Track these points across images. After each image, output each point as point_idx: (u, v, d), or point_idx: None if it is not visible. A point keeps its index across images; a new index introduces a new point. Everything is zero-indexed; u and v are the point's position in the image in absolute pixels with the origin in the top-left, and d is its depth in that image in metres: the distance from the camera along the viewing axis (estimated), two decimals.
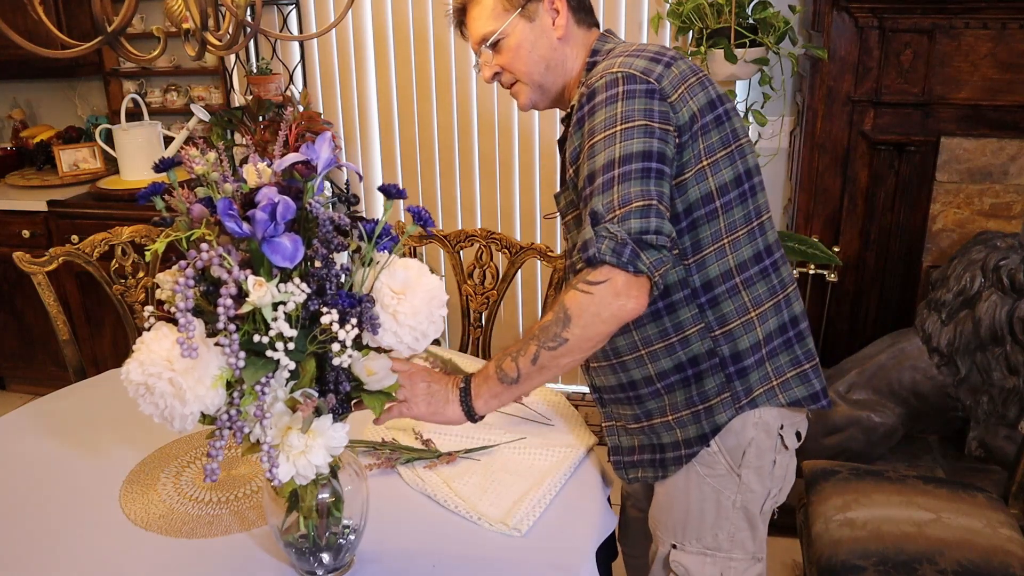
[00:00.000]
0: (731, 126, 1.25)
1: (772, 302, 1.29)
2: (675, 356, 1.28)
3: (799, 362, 1.32)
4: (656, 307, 1.26)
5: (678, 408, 1.31)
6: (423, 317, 1.05)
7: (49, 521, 1.34)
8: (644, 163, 1.14)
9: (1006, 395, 2.28)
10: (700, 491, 1.33)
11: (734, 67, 2.49)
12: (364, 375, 1.08)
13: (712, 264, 1.24)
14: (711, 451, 1.31)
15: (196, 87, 3.36)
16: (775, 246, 1.31)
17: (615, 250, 1.09)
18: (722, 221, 1.24)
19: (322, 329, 0.97)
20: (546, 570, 1.22)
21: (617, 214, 1.11)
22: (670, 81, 1.20)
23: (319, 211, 1.00)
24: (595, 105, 1.20)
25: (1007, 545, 1.66)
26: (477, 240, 2.15)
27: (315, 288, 0.98)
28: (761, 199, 1.30)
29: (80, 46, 1.28)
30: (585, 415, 1.68)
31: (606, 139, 1.16)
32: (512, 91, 1.39)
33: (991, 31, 2.29)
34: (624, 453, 1.42)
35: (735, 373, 1.27)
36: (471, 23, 1.36)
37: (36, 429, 1.65)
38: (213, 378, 0.95)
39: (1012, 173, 2.41)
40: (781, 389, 1.30)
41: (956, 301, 2.28)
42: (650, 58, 1.22)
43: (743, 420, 1.29)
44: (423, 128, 3.20)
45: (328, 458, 1.03)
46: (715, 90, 1.25)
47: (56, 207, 3.09)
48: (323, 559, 1.18)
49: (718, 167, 1.22)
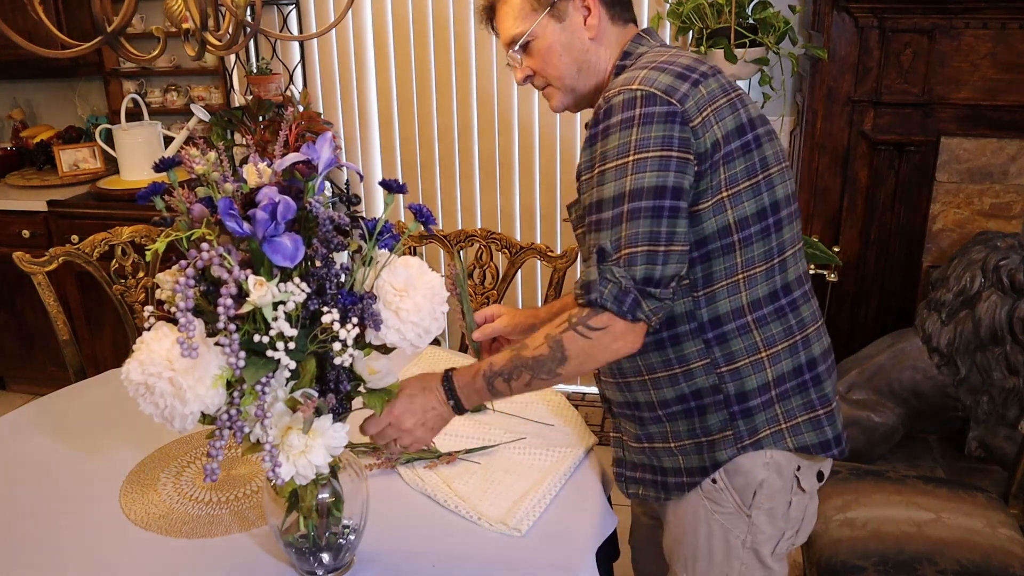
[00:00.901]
0: (761, 154, 1.16)
1: (787, 343, 1.21)
2: (678, 387, 1.23)
3: (812, 407, 1.24)
4: (660, 336, 1.21)
5: (680, 436, 1.26)
6: (426, 314, 1.06)
7: (49, 521, 1.34)
8: (656, 200, 1.09)
9: (1006, 395, 2.28)
10: (708, 527, 1.28)
11: (734, 67, 2.49)
12: (366, 374, 1.08)
13: (723, 299, 1.18)
14: (718, 487, 1.25)
15: (196, 87, 3.36)
16: (796, 283, 1.23)
17: (617, 297, 1.07)
18: (739, 256, 1.16)
19: (323, 328, 0.97)
20: (546, 570, 1.22)
21: (623, 255, 1.08)
22: (695, 102, 1.11)
23: (319, 210, 1.00)
24: (610, 127, 1.13)
25: (1007, 545, 1.66)
26: (477, 240, 2.15)
27: (315, 287, 0.98)
28: (787, 233, 1.21)
29: (80, 46, 1.28)
30: (585, 415, 1.68)
31: (618, 169, 1.10)
32: (544, 93, 1.34)
33: (991, 31, 2.30)
34: (627, 467, 1.38)
35: (739, 412, 1.21)
36: (499, 24, 1.30)
37: (36, 429, 1.65)
38: (213, 378, 0.95)
39: (1012, 173, 2.42)
40: (790, 433, 1.22)
41: (956, 301, 2.28)
42: (677, 74, 1.13)
43: (752, 460, 1.22)
44: (423, 128, 3.20)
45: (328, 458, 1.03)
46: (748, 113, 1.16)
47: (56, 207, 3.09)
48: (323, 559, 1.18)
49: (739, 199, 1.15)
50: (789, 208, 1.21)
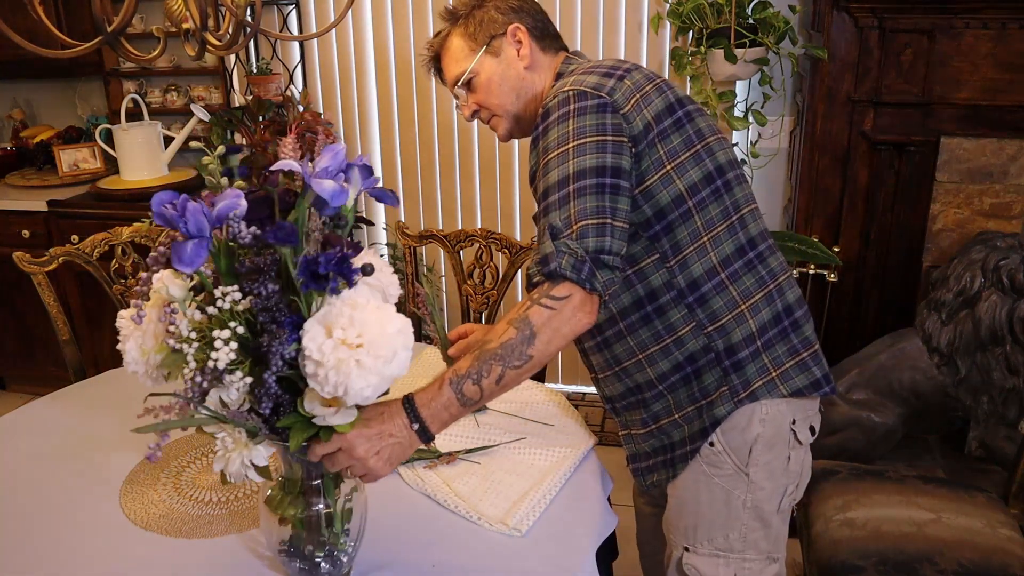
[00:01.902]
0: (694, 127, 1.27)
1: (762, 293, 1.29)
2: (672, 357, 1.29)
3: (796, 351, 1.31)
4: (645, 311, 1.28)
5: (683, 405, 1.32)
6: (392, 363, 0.96)
7: (49, 521, 1.34)
8: (598, 178, 1.17)
9: (1006, 395, 2.28)
10: (710, 492, 1.33)
11: (734, 67, 2.49)
12: (315, 406, 0.98)
13: (695, 263, 1.26)
14: (715, 451, 1.30)
15: (196, 87, 3.36)
16: (759, 237, 1.32)
17: (575, 266, 1.12)
18: (698, 220, 1.25)
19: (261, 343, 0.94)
20: (546, 570, 1.22)
21: (575, 229, 1.14)
22: (623, 93, 1.23)
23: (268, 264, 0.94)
24: (548, 124, 1.23)
25: (1007, 545, 1.66)
26: (477, 240, 2.15)
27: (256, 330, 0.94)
28: (739, 193, 1.30)
29: (80, 46, 1.28)
30: (585, 415, 1.68)
31: (559, 156, 1.20)
32: (491, 125, 1.46)
33: (991, 31, 2.29)
34: (641, 459, 1.41)
35: (731, 367, 1.28)
36: (445, 69, 1.46)
37: (36, 429, 1.65)
38: (150, 346, 0.99)
39: (1012, 173, 2.41)
40: (781, 380, 1.29)
41: (956, 301, 2.28)
42: (603, 73, 1.26)
43: (747, 417, 1.28)
44: (423, 128, 3.20)
45: (262, 461, 1.02)
46: (674, 94, 1.28)
47: (56, 207, 3.09)
48: (320, 569, 1.16)
49: (684, 168, 1.24)
50: (735, 172, 1.31)
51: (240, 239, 0.93)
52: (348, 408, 0.99)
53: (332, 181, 0.96)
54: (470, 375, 1.11)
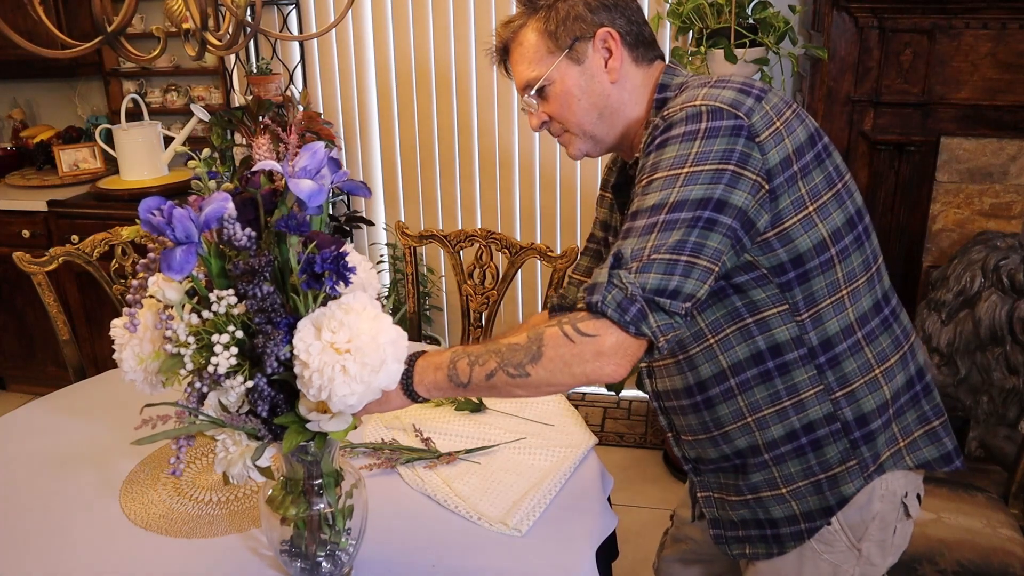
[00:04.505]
0: (832, 163, 1.10)
1: (898, 356, 1.15)
2: (787, 422, 1.14)
3: (927, 419, 1.19)
4: (765, 367, 1.12)
5: (793, 479, 1.17)
6: (380, 372, 0.94)
7: (49, 521, 1.34)
8: (696, 211, 0.99)
9: (1006, 395, 2.28)
10: (816, 569, 1.20)
11: (734, 67, 2.49)
12: (309, 412, 0.97)
13: (831, 319, 1.10)
14: (833, 528, 1.17)
15: (196, 87, 3.37)
16: (891, 291, 1.18)
17: (620, 305, 0.96)
18: (839, 271, 1.09)
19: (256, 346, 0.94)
20: (546, 570, 1.22)
21: (641, 263, 0.97)
22: (761, 117, 1.04)
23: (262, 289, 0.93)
24: (669, 139, 1.05)
25: (1007, 545, 1.66)
26: (477, 240, 2.15)
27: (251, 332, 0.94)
28: (875, 241, 1.16)
29: (80, 46, 1.29)
30: (585, 415, 1.68)
31: (668, 179, 1.02)
32: (561, 140, 1.24)
33: (991, 31, 2.30)
34: (727, 527, 1.26)
35: (861, 439, 1.13)
36: (514, 67, 1.21)
37: (36, 429, 1.65)
38: (148, 353, 0.99)
39: (1012, 173, 2.42)
40: (908, 450, 1.17)
41: (956, 301, 2.29)
42: (738, 89, 1.07)
43: (869, 493, 1.16)
44: (423, 128, 3.20)
45: (265, 461, 1.02)
46: (812, 123, 1.10)
47: (56, 207, 3.09)
48: (320, 568, 1.16)
49: (827, 211, 1.07)
50: (868, 216, 1.15)
51: (235, 241, 0.93)
52: (343, 415, 0.97)
53: (311, 181, 0.94)
54: (469, 355, 1.04)
